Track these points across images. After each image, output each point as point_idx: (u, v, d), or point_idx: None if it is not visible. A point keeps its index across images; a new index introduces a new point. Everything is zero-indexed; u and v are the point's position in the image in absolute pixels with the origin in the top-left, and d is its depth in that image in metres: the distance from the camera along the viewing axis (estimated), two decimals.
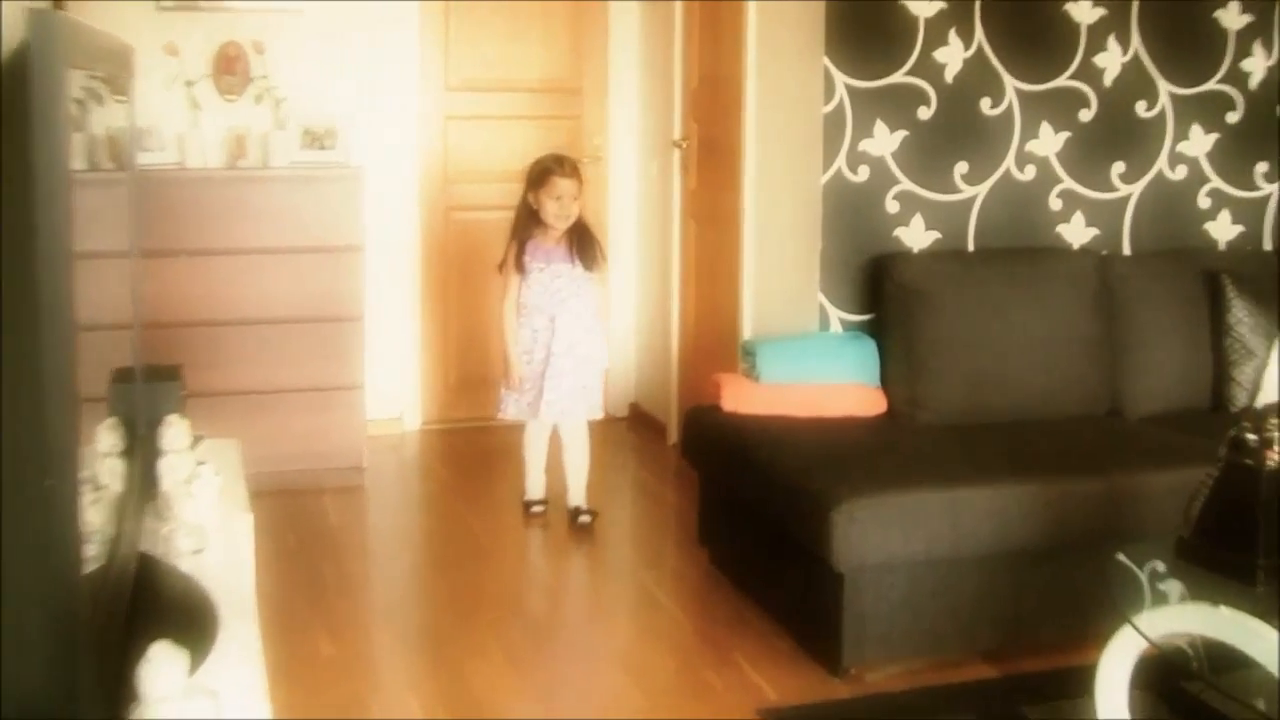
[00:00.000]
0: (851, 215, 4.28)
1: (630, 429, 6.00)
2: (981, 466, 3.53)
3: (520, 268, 4.50)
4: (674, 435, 5.58)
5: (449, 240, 5.97)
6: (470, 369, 5.99)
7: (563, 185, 4.45)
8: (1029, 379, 4.08)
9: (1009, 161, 4.42)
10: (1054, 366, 4.10)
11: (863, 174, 4.28)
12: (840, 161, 4.25)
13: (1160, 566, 2.75)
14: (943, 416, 4.01)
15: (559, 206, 4.44)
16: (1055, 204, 4.49)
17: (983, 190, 4.41)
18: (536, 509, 4.70)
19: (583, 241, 4.50)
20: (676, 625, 3.81)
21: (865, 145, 4.26)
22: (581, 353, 4.50)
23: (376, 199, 5.63)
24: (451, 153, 5.94)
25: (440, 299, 5.98)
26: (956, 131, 4.34)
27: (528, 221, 4.51)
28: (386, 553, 4.50)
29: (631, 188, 6.12)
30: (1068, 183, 4.50)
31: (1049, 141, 4.46)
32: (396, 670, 3.50)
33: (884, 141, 4.28)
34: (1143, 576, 2.74)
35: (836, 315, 4.30)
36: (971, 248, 4.40)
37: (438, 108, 5.90)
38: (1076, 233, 4.52)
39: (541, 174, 4.48)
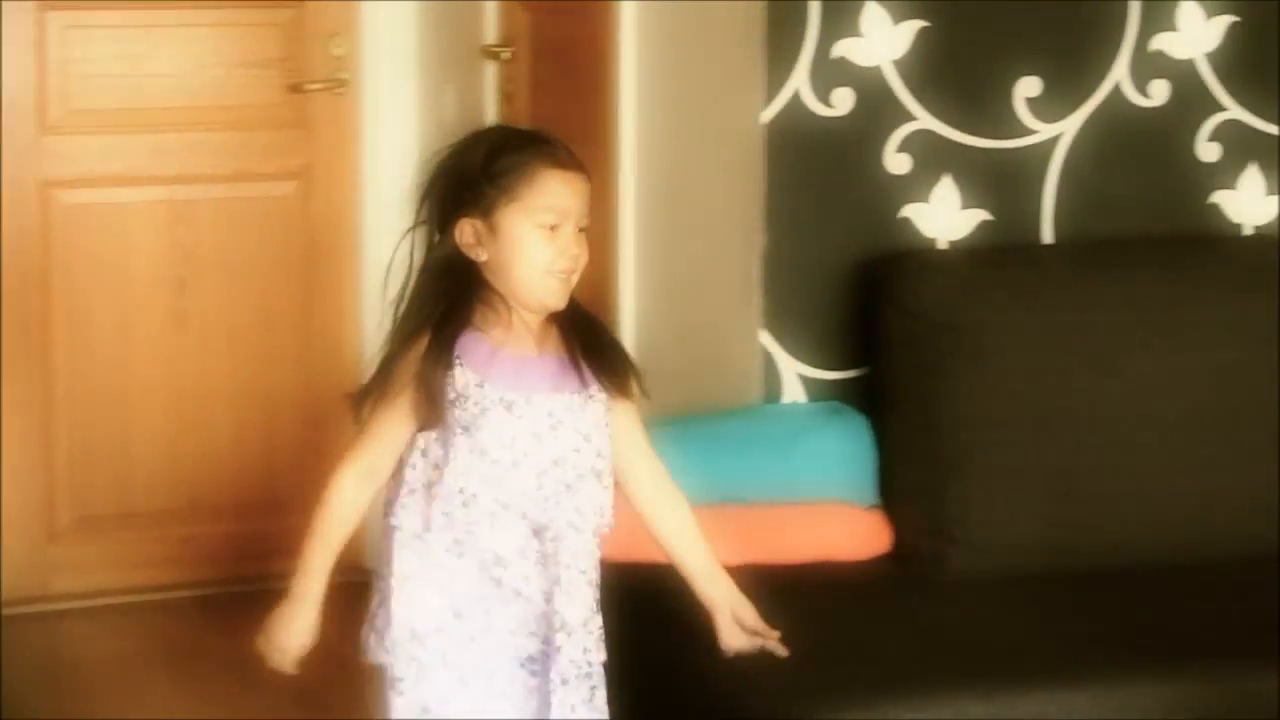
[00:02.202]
0: (823, 182, 4.35)
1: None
2: (1076, 654, 3.58)
3: (439, 406, 3.54)
4: None
5: (51, 247, 6.03)
6: (106, 491, 6.02)
7: (565, 191, 3.53)
8: (1162, 489, 4.13)
9: (1120, 72, 4.47)
10: (1210, 466, 4.14)
11: (842, 103, 4.35)
12: (799, 80, 4.31)
13: None
14: (998, 560, 4.07)
15: (557, 251, 3.63)
16: (1208, 151, 4.52)
17: (1070, 129, 4.46)
18: None
19: (589, 334, 3.69)
20: None
21: (845, 48, 4.33)
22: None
23: None
24: (54, 77, 6.00)
25: (36, 355, 6.00)
26: (1019, 18, 4.41)
27: (456, 294, 3.64)
28: None
29: (404, 139, 6.11)
30: (1232, 111, 4.53)
31: (1196, 33, 4.48)
32: None
33: (882, 41, 4.33)
34: None
35: (794, 372, 4.38)
36: (1049, 238, 4.47)
37: None
38: (1251, 205, 4.55)
39: (507, 171, 3.57)
